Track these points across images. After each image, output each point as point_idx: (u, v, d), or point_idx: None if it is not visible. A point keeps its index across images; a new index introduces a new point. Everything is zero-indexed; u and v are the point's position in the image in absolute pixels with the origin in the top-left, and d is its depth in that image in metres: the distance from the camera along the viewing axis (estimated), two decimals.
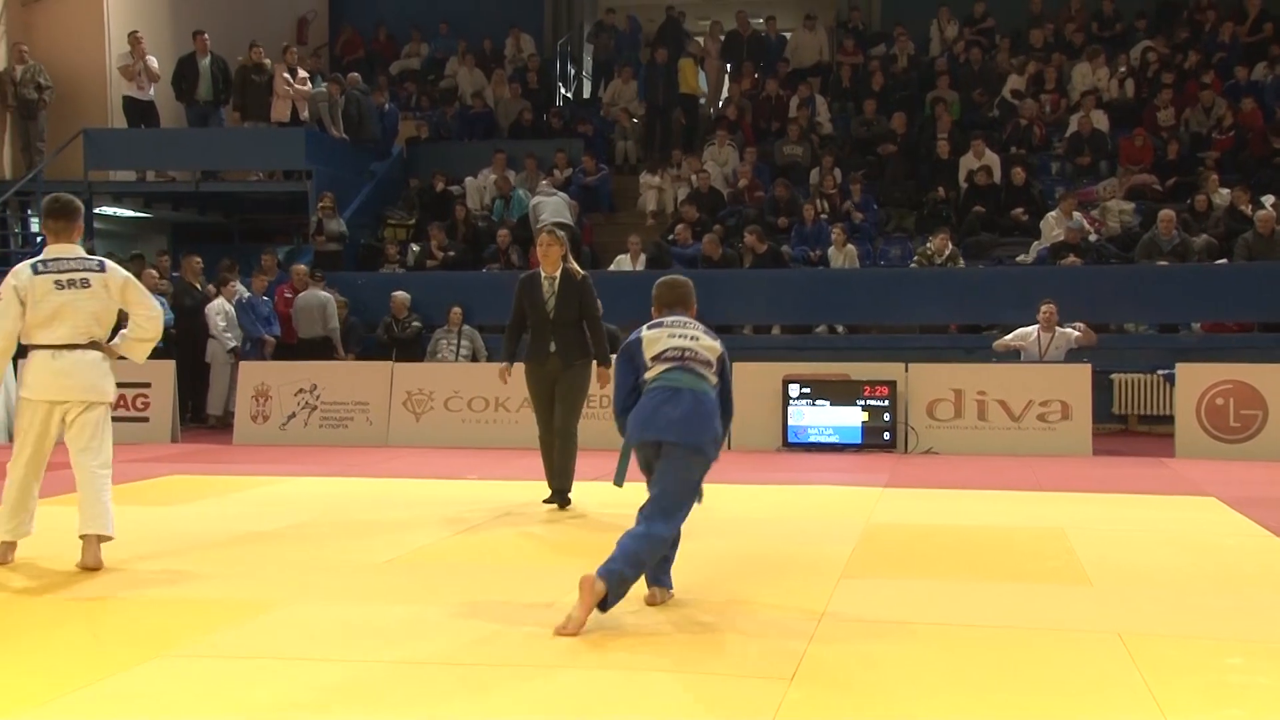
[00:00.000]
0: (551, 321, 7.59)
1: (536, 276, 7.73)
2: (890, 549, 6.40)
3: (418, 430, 11.79)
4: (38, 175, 15.27)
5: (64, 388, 5.81)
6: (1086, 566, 5.82)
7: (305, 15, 20.86)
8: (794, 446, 11.12)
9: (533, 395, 7.79)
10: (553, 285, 7.62)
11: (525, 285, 7.78)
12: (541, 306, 7.61)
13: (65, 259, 5.87)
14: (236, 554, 6.22)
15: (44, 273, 5.81)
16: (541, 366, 7.65)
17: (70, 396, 5.83)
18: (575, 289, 7.62)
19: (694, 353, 4.97)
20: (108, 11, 16.36)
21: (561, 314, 7.58)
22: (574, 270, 7.73)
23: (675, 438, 4.83)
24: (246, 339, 13.25)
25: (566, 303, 7.58)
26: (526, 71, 19.58)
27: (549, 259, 7.63)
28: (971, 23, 18.89)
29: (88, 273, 5.86)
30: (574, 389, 7.66)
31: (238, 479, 9.22)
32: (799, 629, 4.63)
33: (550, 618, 4.73)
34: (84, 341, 5.85)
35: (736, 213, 15.45)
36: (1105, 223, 14.56)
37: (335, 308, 13.54)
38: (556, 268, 7.64)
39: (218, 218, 18.28)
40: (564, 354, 7.58)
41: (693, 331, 5.06)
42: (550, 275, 7.64)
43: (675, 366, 4.93)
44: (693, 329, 5.07)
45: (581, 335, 7.66)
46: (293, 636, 4.58)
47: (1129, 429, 12.76)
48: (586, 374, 7.70)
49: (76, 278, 5.82)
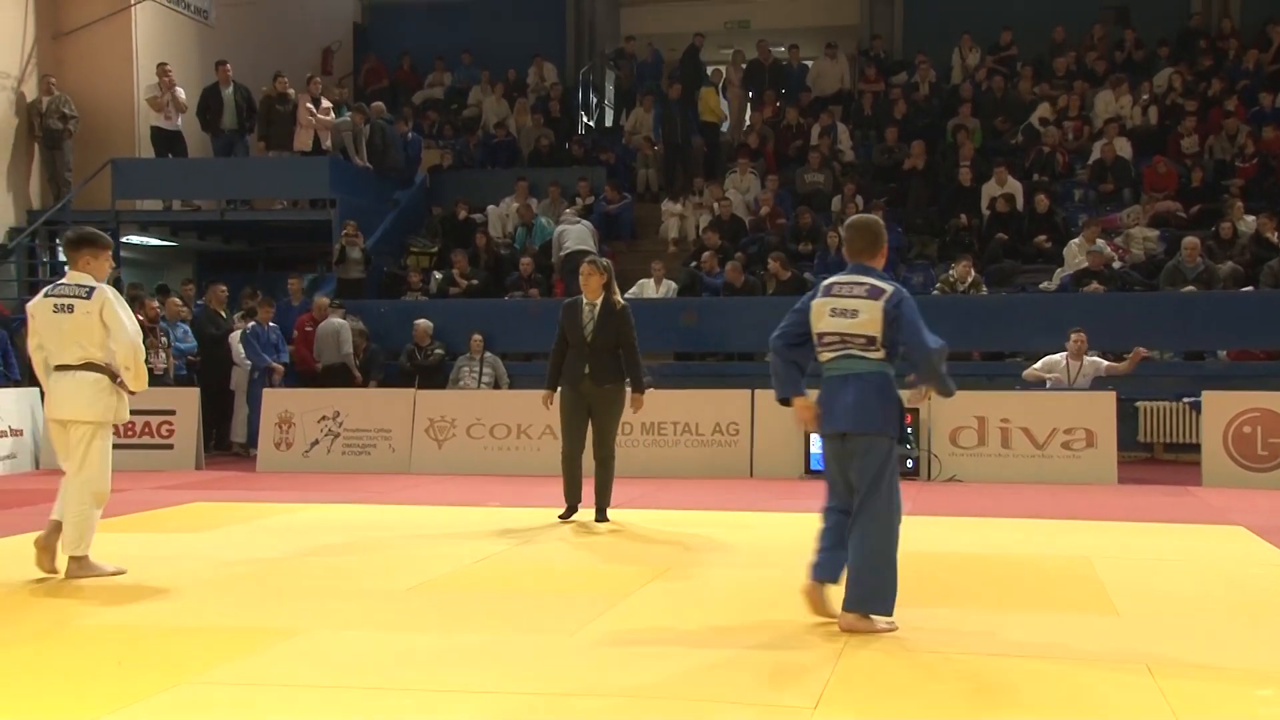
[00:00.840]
0: (589, 345, 8.04)
1: (578, 303, 8.20)
2: (913, 578, 6.34)
3: (440, 457, 11.80)
4: (66, 205, 15.43)
5: (57, 405, 6.26)
6: (1113, 596, 5.77)
7: (330, 46, 21.07)
8: (816, 474, 11.06)
9: (564, 414, 8.19)
10: (593, 311, 8.09)
11: (568, 311, 8.24)
12: (580, 331, 8.07)
13: (66, 285, 6.28)
14: (259, 581, 6.23)
15: (48, 296, 6.30)
16: (575, 387, 8.08)
17: (62, 414, 6.25)
18: (614, 316, 8.08)
19: (851, 336, 5.06)
20: (136, 44, 16.56)
21: (598, 339, 8.03)
22: (615, 299, 8.19)
23: (851, 427, 5.04)
24: (255, 368, 13.30)
25: (604, 329, 8.04)
26: (549, 100, 19.71)
27: (590, 287, 8.12)
28: (994, 50, 18.92)
29: (74, 299, 6.21)
30: (609, 414, 8.12)
31: (261, 506, 9.24)
32: (822, 658, 4.60)
33: (575, 646, 4.72)
34: (77, 363, 6.20)
35: (758, 240, 15.46)
36: (1129, 250, 14.49)
37: (350, 334, 13.60)
38: (598, 295, 8.11)
39: (242, 246, 18.43)
40: (597, 376, 8.02)
41: (854, 304, 5.07)
42: (591, 302, 8.12)
43: (840, 355, 5.10)
44: (855, 298, 5.07)
45: (616, 360, 8.11)
46: (315, 664, 4.58)
47: (1154, 457, 12.66)
48: (620, 397, 8.14)
49: (65, 303, 6.22)
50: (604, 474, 8.17)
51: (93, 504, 6.24)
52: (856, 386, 5.05)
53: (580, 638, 4.97)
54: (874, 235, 5.27)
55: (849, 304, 5.09)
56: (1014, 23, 19.15)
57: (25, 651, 4.80)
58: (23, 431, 12.08)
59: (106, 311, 6.17)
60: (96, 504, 6.28)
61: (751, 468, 11.31)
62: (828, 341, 5.13)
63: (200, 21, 17.89)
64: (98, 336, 6.18)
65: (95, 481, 6.23)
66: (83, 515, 6.18)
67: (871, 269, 5.21)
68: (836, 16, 21.91)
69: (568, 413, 8.14)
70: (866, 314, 5.05)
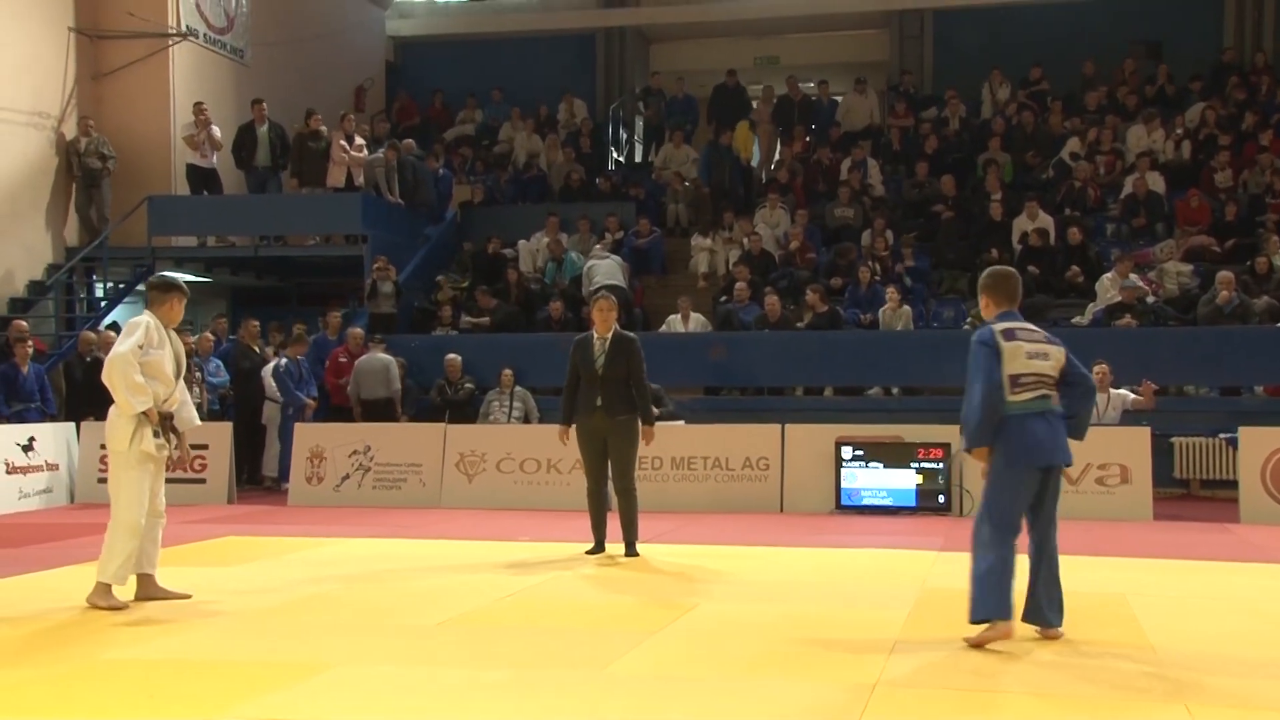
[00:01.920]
0: (600, 378, 8.12)
1: (589, 338, 8.29)
2: (946, 615, 6.29)
3: (470, 492, 11.82)
4: (103, 242, 15.64)
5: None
6: (1149, 634, 5.69)
7: (363, 84, 21.32)
8: (847, 509, 11.01)
9: (582, 449, 8.31)
10: (604, 345, 8.19)
11: (578, 346, 8.32)
12: (592, 364, 8.15)
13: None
14: (290, 615, 6.25)
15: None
16: (589, 420, 8.16)
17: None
18: (624, 349, 8.16)
19: (1045, 377, 5.59)
20: (173, 83, 16.81)
21: (610, 371, 8.12)
22: (624, 333, 8.31)
23: (1064, 460, 5.62)
24: (288, 405, 13.37)
25: (615, 362, 8.13)
26: (579, 136, 19.84)
27: (604, 321, 8.21)
28: (1025, 85, 18.91)
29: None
30: (625, 446, 8.17)
31: (292, 540, 9.28)
32: (852, 697, 4.55)
33: (605, 681, 4.69)
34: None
35: (788, 275, 15.47)
36: (1163, 284, 14.39)
37: (398, 370, 13.70)
38: (608, 329, 8.20)
39: (275, 282, 18.60)
40: (609, 408, 8.10)
41: (1043, 347, 5.64)
42: (602, 336, 8.21)
43: (1037, 395, 5.55)
44: (1041, 341, 5.66)
45: (628, 391, 8.18)
46: (345, 699, 4.58)
47: (1190, 493, 12.51)
48: (634, 428, 8.19)
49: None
50: (628, 506, 8.18)
51: (120, 532, 6.35)
52: (1054, 422, 5.58)
53: (610, 673, 4.94)
54: (1019, 284, 5.89)
55: (1040, 348, 5.64)
56: (1044, 58, 19.17)
57: (57, 685, 4.83)
58: (59, 466, 12.20)
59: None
60: (124, 533, 6.37)
61: (782, 503, 11.26)
62: (1025, 383, 5.57)
63: (236, 61, 18.16)
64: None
65: (119, 510, 6.40)
66: (107, 542, 6.40)
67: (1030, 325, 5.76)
68: (866, 52, 22.01)
69: (585, 448, 8.26)
70: (1054, 358, 5.64)
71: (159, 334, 6.58)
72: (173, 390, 6.59)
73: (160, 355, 6.53)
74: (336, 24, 20.61)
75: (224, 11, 17.92)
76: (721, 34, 22.58)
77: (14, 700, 4.59)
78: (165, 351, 6.57)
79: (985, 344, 5.59)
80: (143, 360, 6.46)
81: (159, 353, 6.52)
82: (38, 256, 15.57)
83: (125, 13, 16.33)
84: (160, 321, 6.62)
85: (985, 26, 20.80)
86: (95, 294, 16.29)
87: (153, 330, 6.55)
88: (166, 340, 6.61)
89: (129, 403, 6.39)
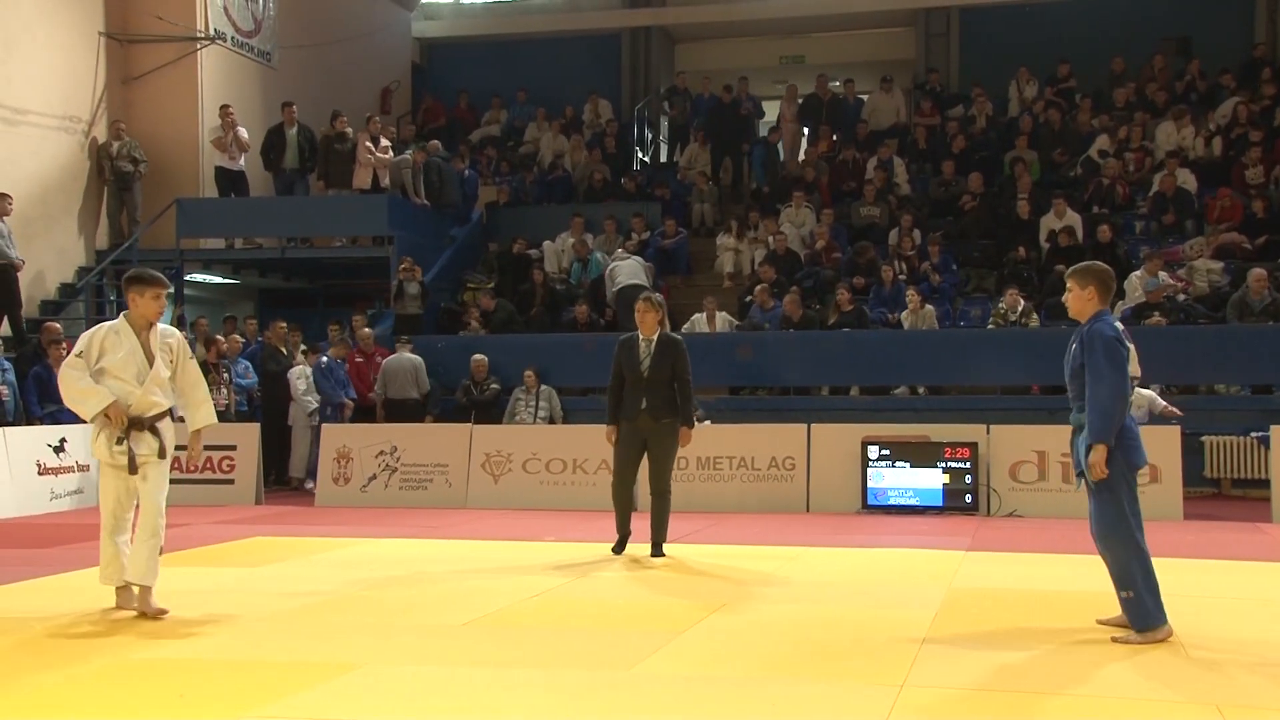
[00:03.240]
0: (645, 380, 8.15)
1: (634, 339, 8.32)
2: (974, 614, 6.26)
3: (496, 492, 11.84)
4: (132, 244, 15.76)
5: None
6: (1180, 635, 5.64)
7: (389, 86, 21.42)
8: (873, 509, 10.98)
9: (619, 447, 8.28)
10: (649, 347, 8.23)
11: (623, 346, 8.35)
12: (637, 366, 8.19)
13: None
14: (318, 615, 6.27)
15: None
16: (633, 421, 8.19)
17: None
18: (670, 351, 8.20)
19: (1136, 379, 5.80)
20: (202, 87, 16.93)
21: (654, 374, 8.15)
22: (670, 335, 8.37)
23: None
24: (326, 404, 13.46)
25: (660, 364, 8.16)
26: (604, 136, 19.86)
27: (645, 324, 8.27)
28: (1053, 83, 18.79)
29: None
30: (666, 450, 8.21)
31: (319, 540, 9.32)
32: (879, 698, 4.53)
33: (631, 681, 4.69)
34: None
35: (813, 274, 15.42)
36: (1193, 282, 14.27)
37: (426, 370, 13.77)
38: (653, 331, 8.27)
39: (302, 283, 18.70)
40: (653, 410, 8.13)
41: (1131, 348, 5.73)
42: (648, 338, 8.26)
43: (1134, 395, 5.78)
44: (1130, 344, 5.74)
45: (672, 394, 8.22)
46: (373, 698, 4.60)
47: (1222, 493, 12.39)
48: (676, 432, 8.21)
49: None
50: (661, 507, 8.20)
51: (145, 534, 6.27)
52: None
53: (637, 673, 4.94)
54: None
55: (1131, 349, 5.76)
56: (1071, 55, 19.05)
57: (87, 685, 4.87)
58: (89, 467, 12.28)
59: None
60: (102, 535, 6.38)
61: (808, 502, 11.23)
62: (1135, 385, 5.84)
63: (263, 64, 18.26)
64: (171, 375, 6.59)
65: (143, 514, 6.33)
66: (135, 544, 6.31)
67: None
68: (892, 51, 21.94)
69: (623, 446, 8.25)
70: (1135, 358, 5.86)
71: (114, 337, 6.28)
72: (134, 391, 6.23)
73: (115, 359, 6.22)
74: (363, 26, 20.71)
75: (251, 15, 18.04)
76: (747, 33, 22.56)
77: (44, 700, 4.63)
78: (121, 354, 6.24)
79: (1118, 340, 5.58)
80: (98, 368, 6.21)
81: (114, 356, 6.22)
82: (69, 259, 15.70)
83: (154, 17, 16.47)
84: (133, 318, 6.32)
85: (1012, 24, 20.70)
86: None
87: (100, 336, 6.28)
88: (124, 342, 6.27)
89: (80, 412, 6.33)
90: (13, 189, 14.51)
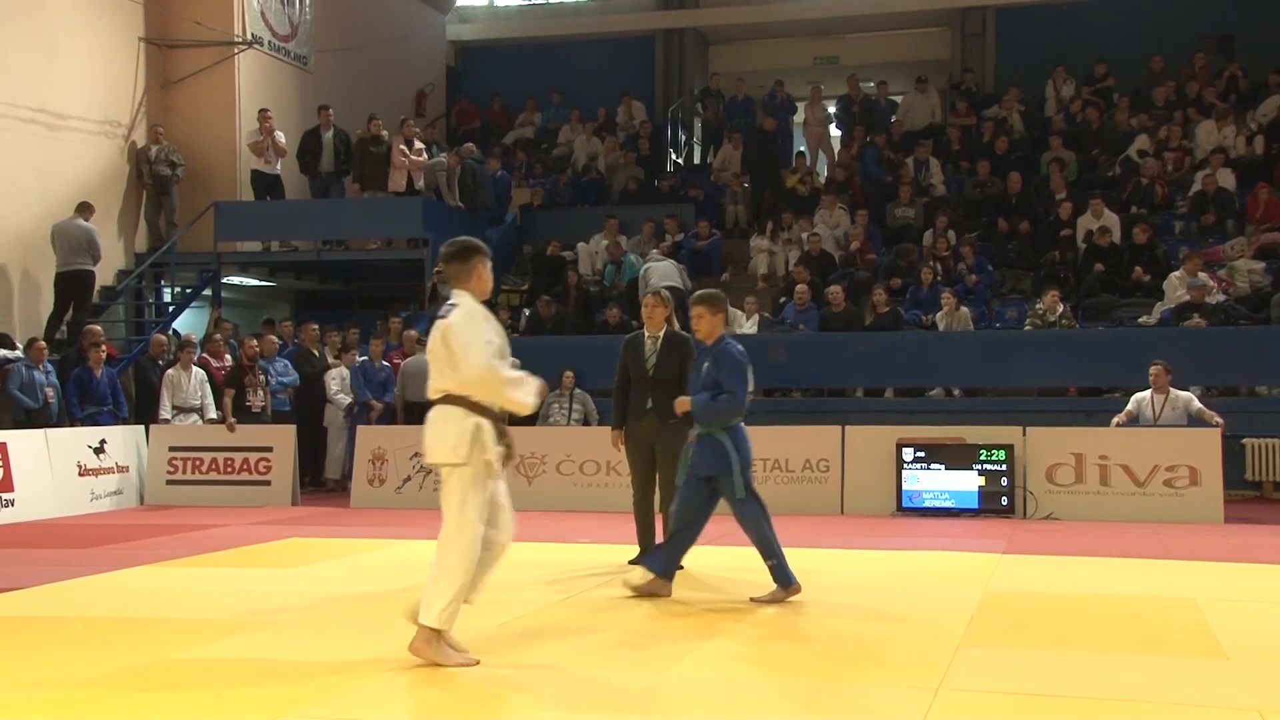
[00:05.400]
0: (651, 379, 7.79)
1: (640, 337, 8.00)
2: (1010, 618, 6.21)
3: (530, 494, 11.84)
4: (171, 247, 15.92)
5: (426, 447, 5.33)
6: (1221, 639, 5.57)
7: (424, 89, 21.52)
8: (908, 511, 10.91)
9: (629, 453, 7.92)
10: (655, 344, 7.86)
11: (628, 345, 8.03)
12: (643, 364, 7.84)
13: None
14: (354, 616, 6.31)
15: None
16: (639, 423, 7.82)
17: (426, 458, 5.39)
18: (677, 349, 7.79)
19: None
20: (239, 91, 17.08)
21: (661, 372, 7.76)
22: (678, 332, 7.94)
23: None
24: (355, 402, 13.52)
25: (667, 361, 7.77)
26: (638, 138, 19.87)
27: (654, 320, 7.88)
28: (1090, 82, 18.62)
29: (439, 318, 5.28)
30: (674, 453, 7.56)
31: (355, 541, 9.37)
32: (915, 702, 4.51)
33: (664, 684, 4.68)
34: (435, 395, 5.27)
35: (848, 275, 15.36)
36: (1233, 283, 14.09)
37: None
38: (660, 328, 7.88)
39: (338, 285, 18.82)
40: (660, 411, 7.64)
41: None
42: (654, 335, 7.89)
43: None
44: None
45: (680, 393, 7.55)
46: (408, 699, 4.62)
47: (1263, 496, 12.23)
48: (684, 434, 7.51)
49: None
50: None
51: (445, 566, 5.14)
52: None
53: (671, 675, 4.94)
54: None
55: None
56: (1109, 54, 18.86)
57: (125, 686, 4.91)
58: (129, 468, 12.43)
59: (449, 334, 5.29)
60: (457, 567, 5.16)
61: (842, 504, 11.18)
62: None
63: (299, 68, 18.40)
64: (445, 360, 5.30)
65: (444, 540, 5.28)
66: (432, 577, 5.17)
67: None
68: (927, 51, 21.82)
69: (633, 455, 7.89)
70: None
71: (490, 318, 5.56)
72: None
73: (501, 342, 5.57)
74: (398, 30, 20.82)
75: (288, 19, 18.17)
76: (781, 34, 22.50)
77: (83, 699, 4.68)
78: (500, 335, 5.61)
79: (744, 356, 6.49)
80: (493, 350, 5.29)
81: (500, 338, 5.54)
82: (108, 262, 15.87)
83: (193, 22, 16.63)
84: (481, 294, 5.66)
85: (1049, 23, 20.52)
86: (163, 299, 16.58)
87: (482, 315, 5.56)
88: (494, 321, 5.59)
89: (517, 402, 5.37)
90: (53, 192, 14.69)
